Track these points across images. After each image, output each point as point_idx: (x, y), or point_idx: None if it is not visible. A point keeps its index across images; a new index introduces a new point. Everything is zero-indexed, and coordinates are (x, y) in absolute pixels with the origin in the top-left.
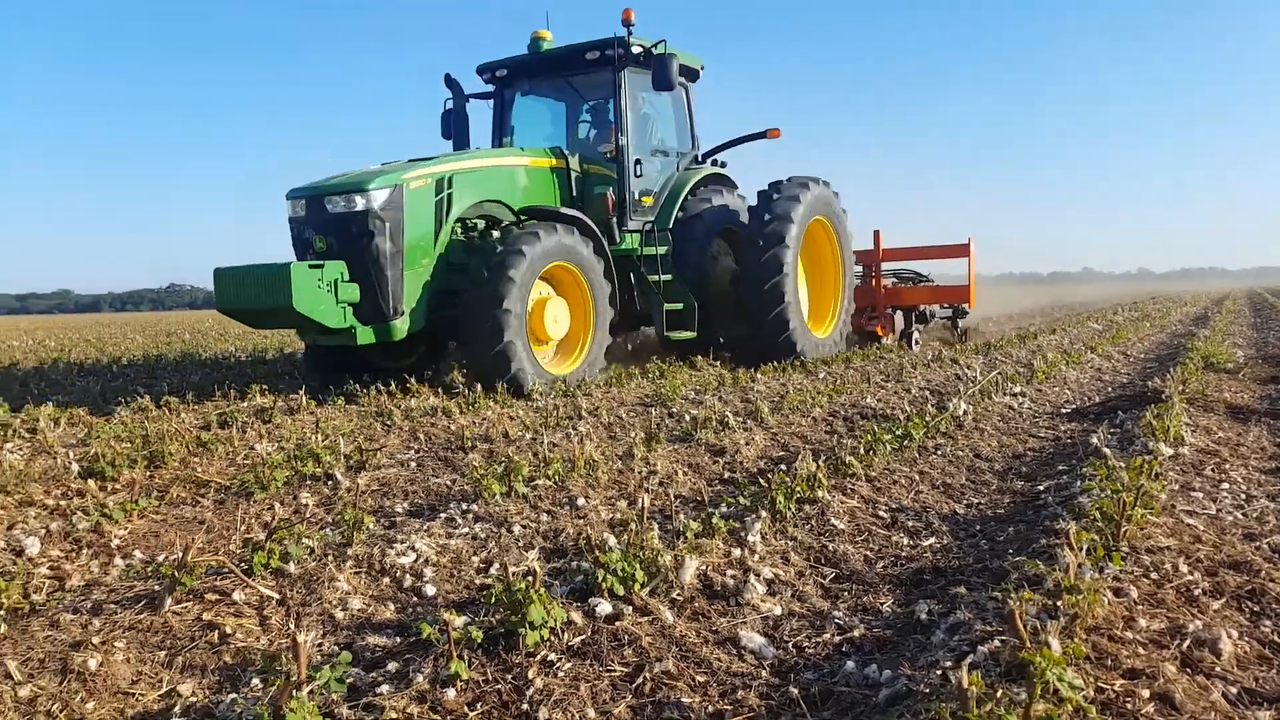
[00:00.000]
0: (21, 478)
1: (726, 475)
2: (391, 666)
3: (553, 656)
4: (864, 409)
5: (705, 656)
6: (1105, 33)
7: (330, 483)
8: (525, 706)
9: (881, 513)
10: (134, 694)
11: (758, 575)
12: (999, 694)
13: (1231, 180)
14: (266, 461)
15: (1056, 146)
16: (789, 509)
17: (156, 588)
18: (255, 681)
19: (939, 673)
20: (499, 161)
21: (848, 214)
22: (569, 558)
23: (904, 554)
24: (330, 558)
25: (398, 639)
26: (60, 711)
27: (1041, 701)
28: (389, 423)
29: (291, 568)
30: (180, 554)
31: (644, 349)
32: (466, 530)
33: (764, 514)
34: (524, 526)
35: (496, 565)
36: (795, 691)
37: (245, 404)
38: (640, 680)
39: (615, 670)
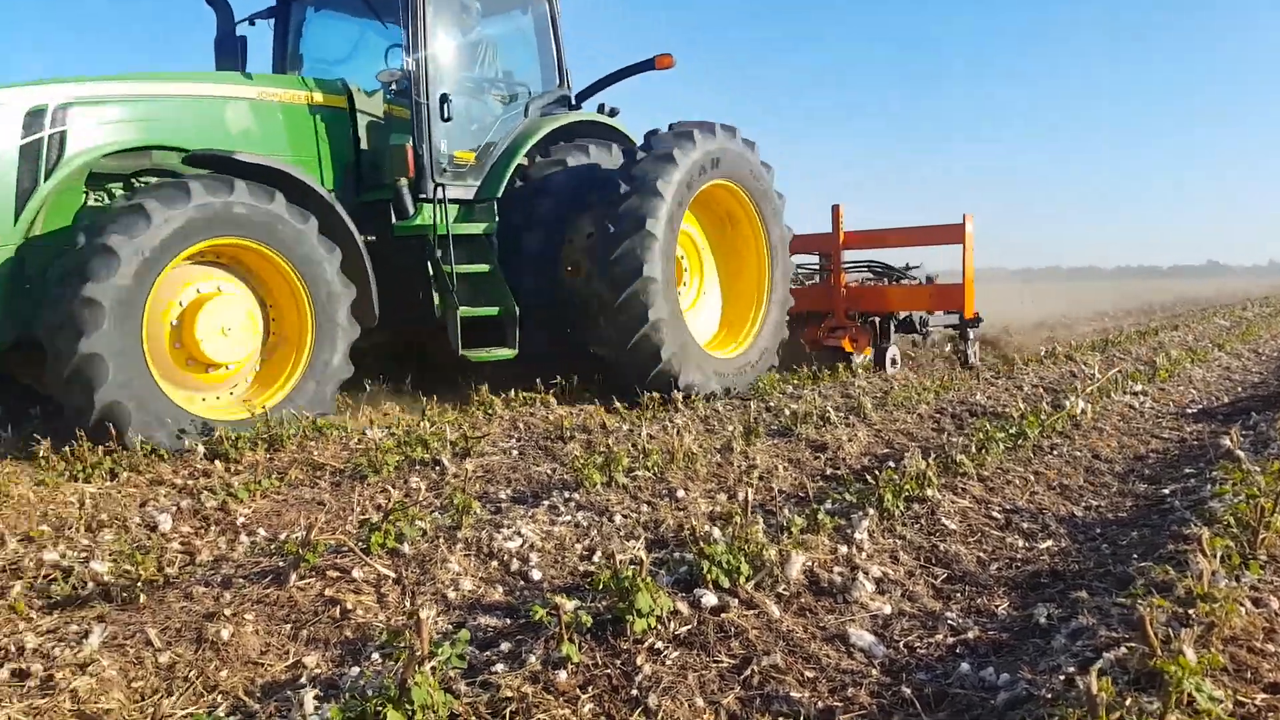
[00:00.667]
0: (151, 458)
1: (829, 471)
2: (504, 646)
3: (660, 644)
4: (973, 406)
5: (813, 652)
6: None
7: (438, 468)
8: (635, 692)
9: (995, 513)
10: (263, 664)
11: (866, 573)
12: (1129, 702)
13: None
14: (379, 446)
15: (1182, 121)
16: (897, 507)
17: (281, 564)
18: (375, 656)
19: (1061, 678)
20: (178, 89)
21: (772, 171)
22: (670, 548)
23: (1019, 556)
24: (441, 540)
25: (507, 620)
26: (197, 678)
27: (1176, 712)
28: (490, 412)
29: (406, 548)
30: (303, 532)
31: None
32: (569, 518)
33: (871, 511)
34: (624, 516)
35: (600, 553)
36: (908, 691)
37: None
38: (748, 672)
39: (722, 661)
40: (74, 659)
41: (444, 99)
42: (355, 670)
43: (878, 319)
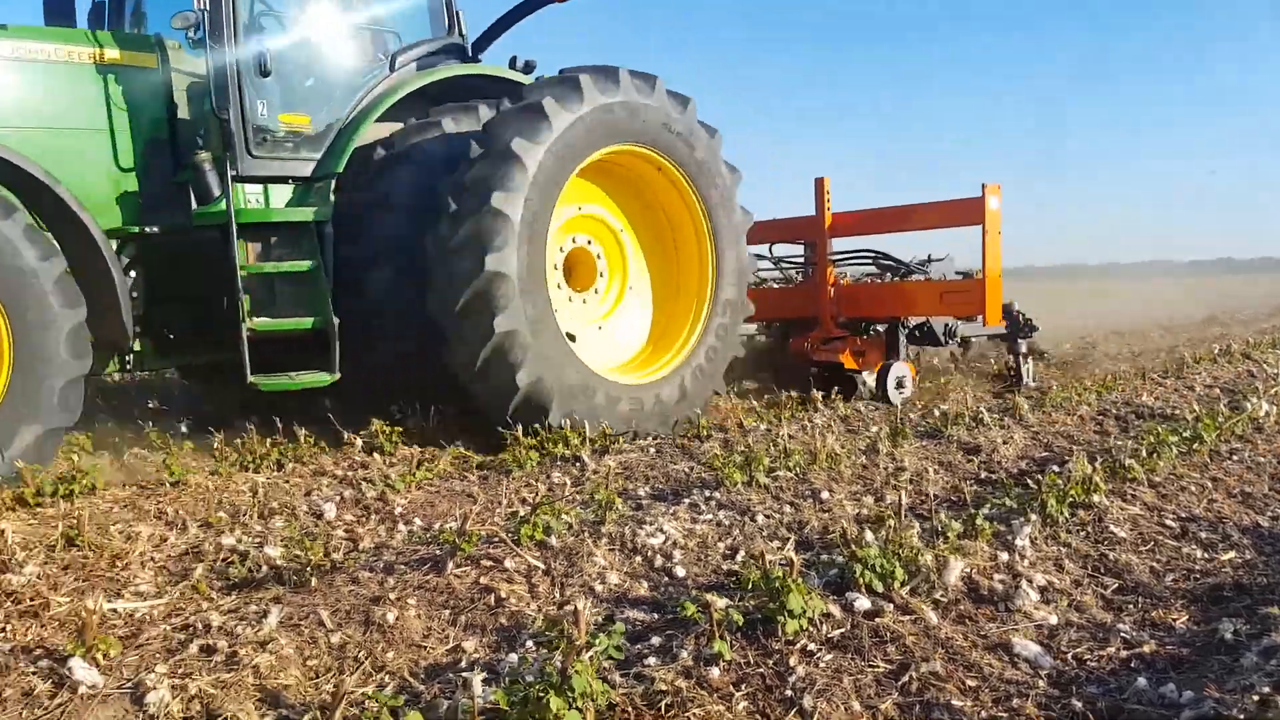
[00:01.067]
0: (314, 451)
1: (983, 475)
2: (655, 641)
3: (812, 646)
4: (1139, 408)
5: (975, 661)
6: None
7: (578, 464)
8: (789, 692)
9: (1169, 521)
10: (425, 647)
11: (1029, 581)
12: None
13: None
14: (521, 443)
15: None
16: (1061, 513)
17: (438, 552)
18: (530, 644)
19: (1255, 698)
20: None
21: (717, 137)
22: (816, 550)
23: (1198, 568)
24: (586, 534)
25: (655, 615)
26: (365, 658)
27: None
28: None
29: (553, 541)
30: (459, 522)
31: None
32: (710, 517)
33: (1034, 517)
34: (767, 516)
35: (743, 552)
36: (1079, 705)
37: None
38: (906, 679)
39: (878, 666)
40: (254, 637)
41: (262, 57)
42: (513, 657)
43: (884, 327)
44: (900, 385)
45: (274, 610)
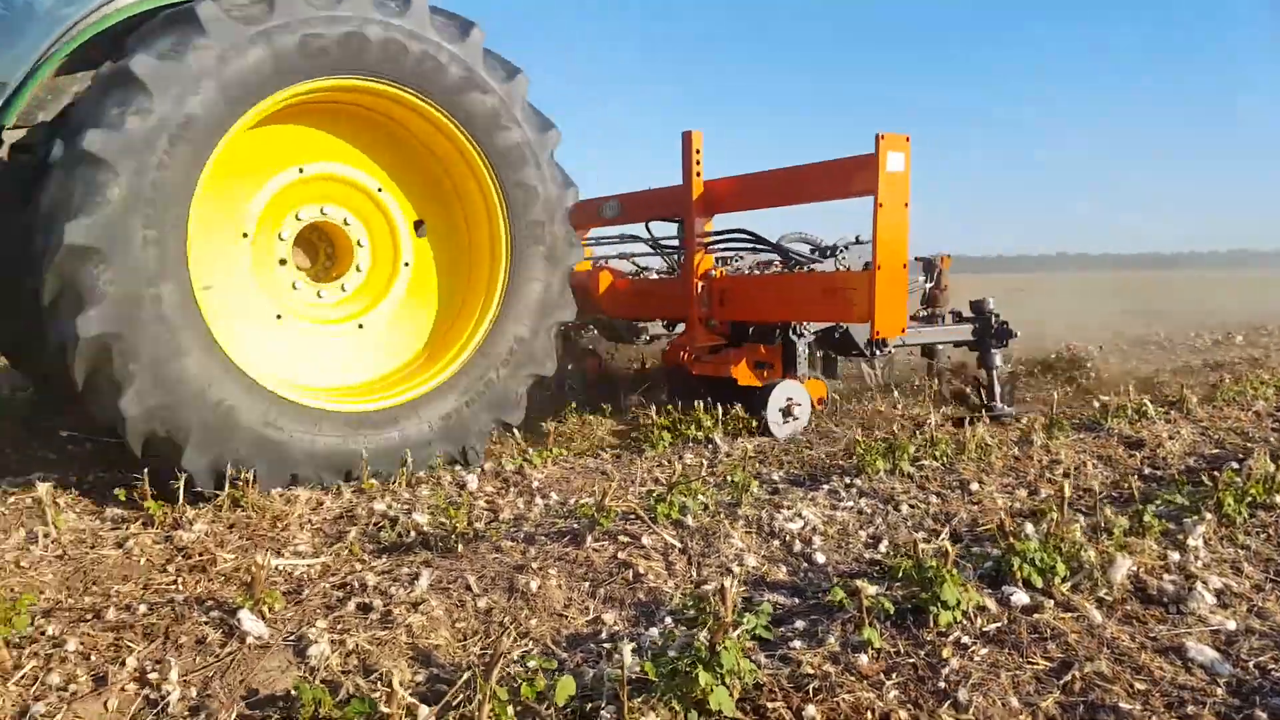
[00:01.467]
0: None
1: (1147, 470)
2: (798, 624)
3: (966, 639)
4: None
5: (1143, 663)
6: None
7: (710, 446)
8: (942, 684)
9: None
10: (567, 616)
11: (1204, 583)
12: None
13: None
14: (654, 424)
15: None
16: (1240, 513)
17: (575, 526)
18: (668, 620)
19: None
20: None
21: (519, 79)
22: (965, 542)
23: None
24: (723, 515)
25: (795, 600)
26: (510, 624)
27: None
28: None
29: (689, 520)
30: (592, 499)
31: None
32: (851, 504)
33: (1208, 516)
34: (911, 506)
35: (886, 542)
36: (1264, 716)
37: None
38: (1068, 677)
39: (1038, 663)
40: (407, 598)
41: None
42: (654, 631)
43: (779, 335)
44: (789, 414)
45: (424, 573)
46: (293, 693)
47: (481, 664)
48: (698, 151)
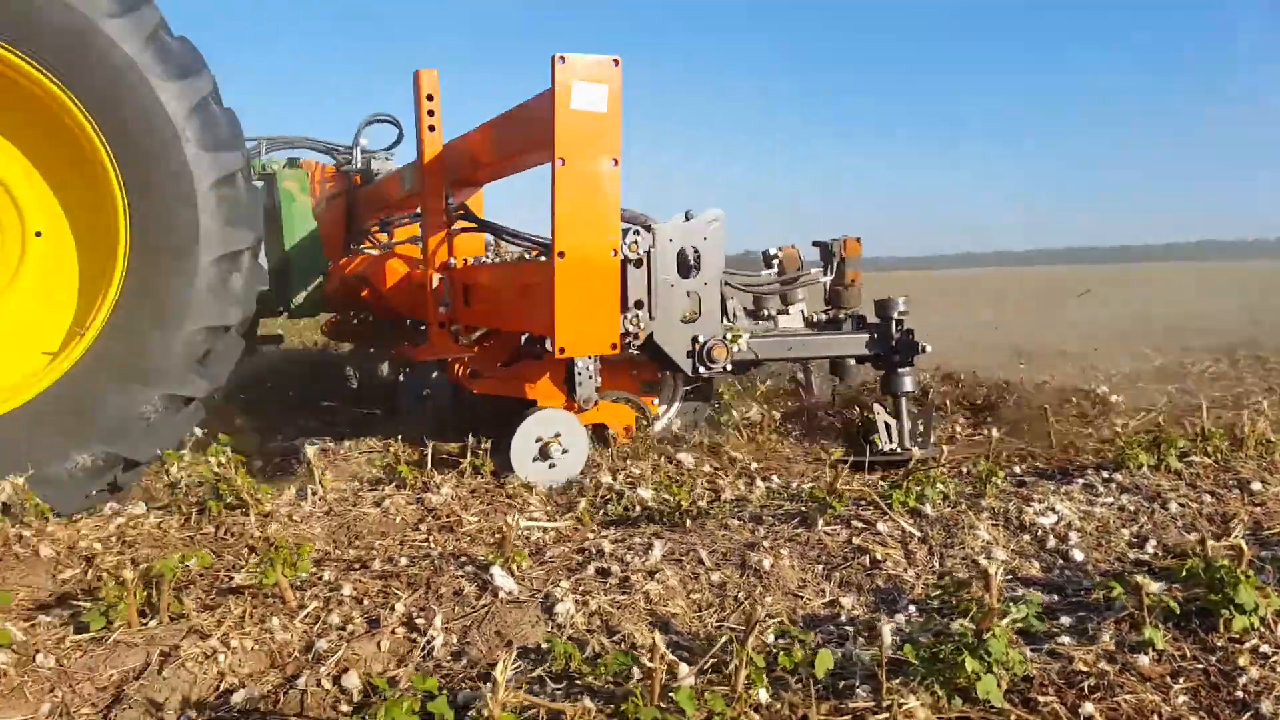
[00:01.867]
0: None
1: None
2: (1064, 620)
3: (1266, 649)
4: None
5: None
6: None
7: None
8: (1240, 694)
9: None
10: (802, 597)
11: None
12: None
13: None
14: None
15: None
16: None
17: (804, 509)
18: (911, 609)
19: None
20: None
21: (151, 10)
22: (1253, 546)
23: None
24: (964, 506)
25: (1053, 597)
26: (744, 598)
27: None
28: None
29: (928, 509)
30: (811, 484)
31: None
32: (1111, 500)
33: None
34: (1181, 505)
35: (1153, 542)
36: None
37: None
38: None
39: None
40: (643, 566)
41: None
42: (900, 618)
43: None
44: (545, 454)
45: (656, 544)
46: (543, 645)
47: (736, 632)
48: (429, 98)
